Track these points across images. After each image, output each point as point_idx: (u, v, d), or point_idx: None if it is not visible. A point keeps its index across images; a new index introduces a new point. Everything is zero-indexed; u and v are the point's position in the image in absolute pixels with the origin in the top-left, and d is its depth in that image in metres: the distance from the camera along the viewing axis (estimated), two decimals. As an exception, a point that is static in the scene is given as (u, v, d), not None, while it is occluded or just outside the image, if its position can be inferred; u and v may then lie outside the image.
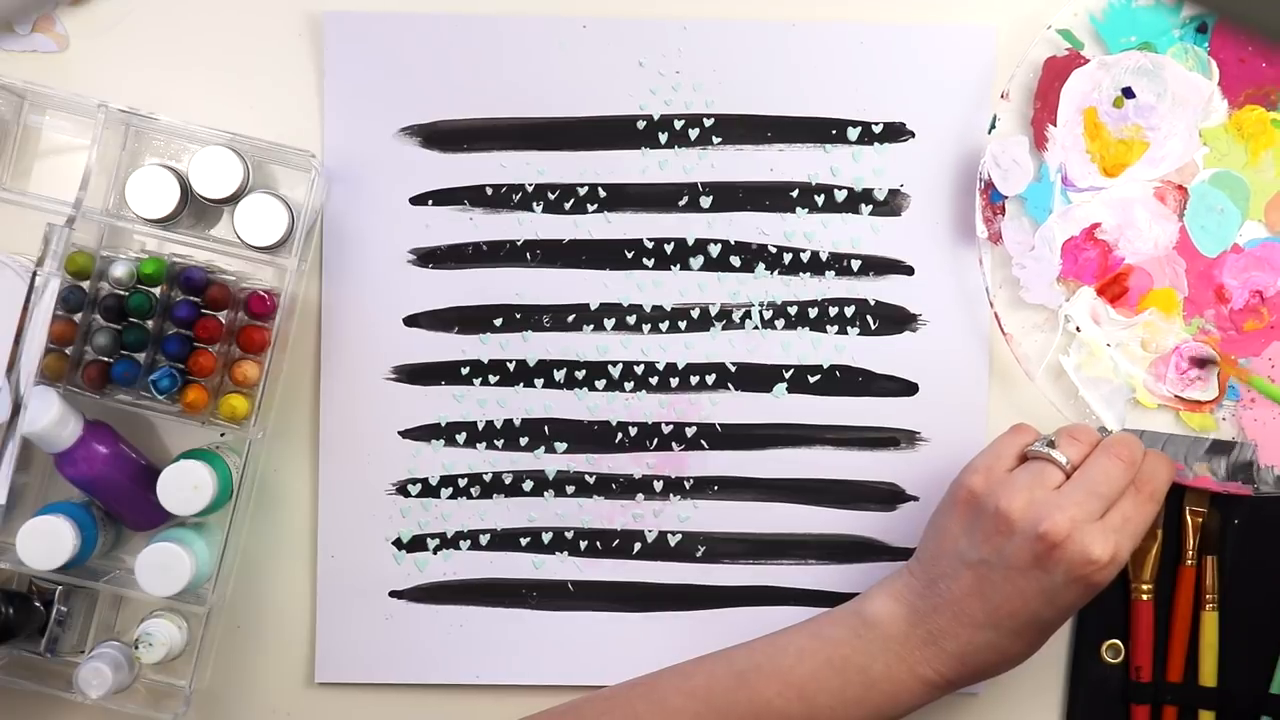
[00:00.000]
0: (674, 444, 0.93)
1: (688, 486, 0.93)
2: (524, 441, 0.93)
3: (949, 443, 0.92)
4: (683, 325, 0.93)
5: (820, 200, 0.92)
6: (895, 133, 0.92)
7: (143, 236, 0.90)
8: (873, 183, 0.92)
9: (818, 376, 0.93)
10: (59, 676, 0.88)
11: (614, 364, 0.93)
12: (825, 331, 0.93)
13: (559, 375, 0.93)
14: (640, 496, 0.93)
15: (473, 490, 0.93)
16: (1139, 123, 0.91)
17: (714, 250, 0.93)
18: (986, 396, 0.92)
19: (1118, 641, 0.92)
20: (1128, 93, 0.91)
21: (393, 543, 0.93)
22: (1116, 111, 0.91)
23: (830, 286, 0.92)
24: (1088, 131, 0.91)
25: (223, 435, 0.92)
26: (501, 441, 0.93)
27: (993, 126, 0.91)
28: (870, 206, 0.92)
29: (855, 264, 0.92)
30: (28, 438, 0.84)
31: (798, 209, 0.92)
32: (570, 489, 0.93)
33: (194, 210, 0.90)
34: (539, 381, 0.93)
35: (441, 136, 0.92)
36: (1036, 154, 0.91)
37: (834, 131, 0.92)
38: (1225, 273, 0.91)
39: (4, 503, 0.82)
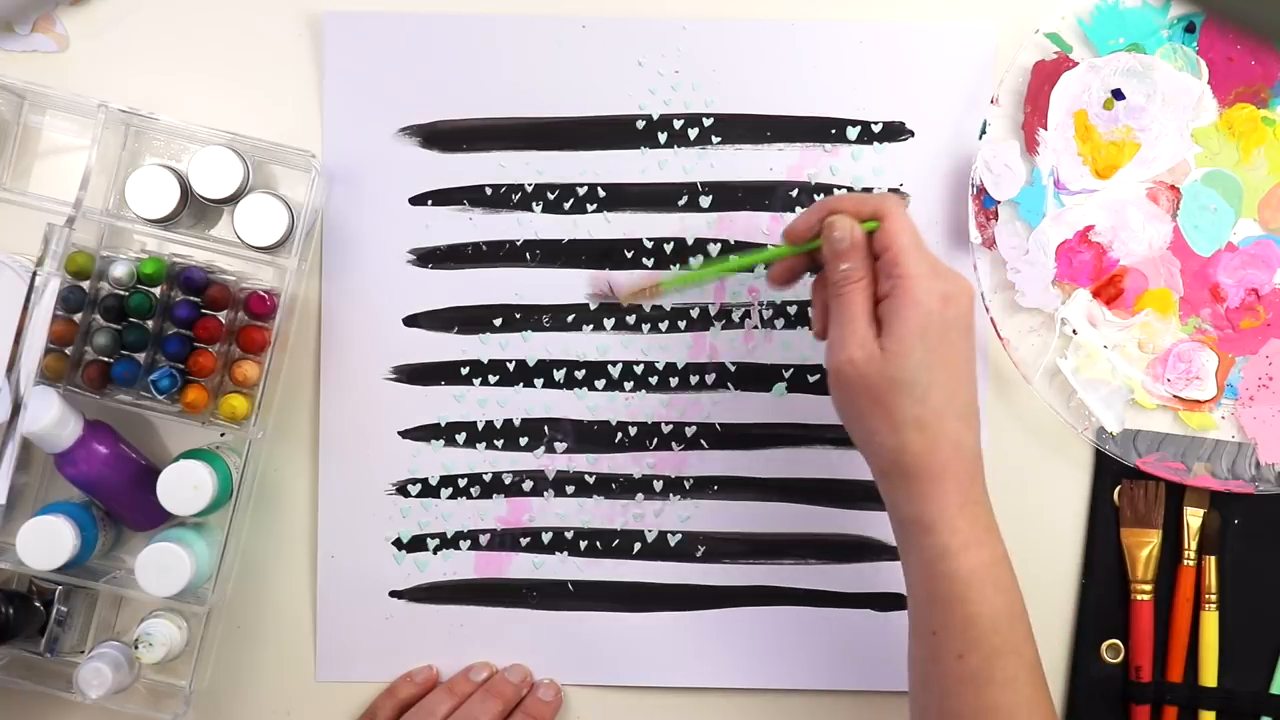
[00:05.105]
0: (674, 444, 0.93)
1: (688, 486, 0.93)
2: (524, 441, 0.93)
3: (948, 442, 0.92)
4: (682, 325, 0.93)
5: (820, 200, 0.92)
6: (894, 132, 0.92)
7: (143, 236, 0.90)
8: (872, 182, 0.92)
9: (818, 376, 0.93)
10: (59, 676, 0.87)
11: (614, 364, 0.93)
12: (825, 331, 0.93)
13: (559, 375, 0.93)
14: (640, 496, 0.93)
15: (473, 490, 0.93)
16: (1130, 124, 0.91)
17: (714, 250, 0.93)
18: (985, 397, 0.92)
19: (1118, 641, 0.92)
20: (1117, 94, 0.91)
21: (393, 543, 0.93)
22: (1107, 113, 0.91)
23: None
24: (1079, 134, 0.91)
25: (223, 435, 0.92)
26: (501, 441, 0.93)
27: (983, 132, 0.91)
28: (870, 206, 0.92)
29: (855, 263, 0.92)
30: (28, 438, 0.84)
31: (797, 208, 0.92)
32: (570, 489, 0.93)
33: (194, 210, 0.90)
34: (539, 381, 0.93)
35: (441, 136, 0.92)
36: (1028, 158, 0.92)
37: (833, 131, 0.92)
38: (1220, 271, 0.92)
39: (4, 503, 0.82)
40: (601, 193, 0.93)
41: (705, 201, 0.93)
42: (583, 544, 0.93)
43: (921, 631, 0.78)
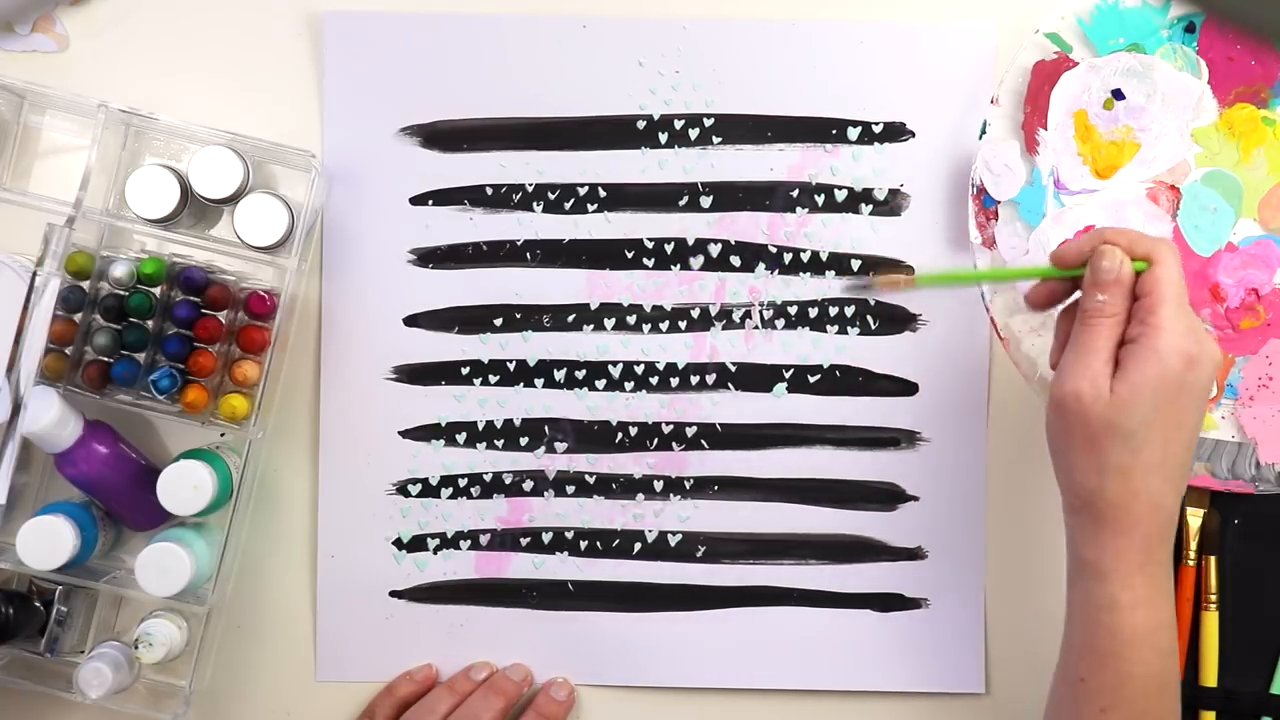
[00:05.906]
0: (674, 444, 0.93)
1: (688, 486, 0.93)
2: (524, 441, 0.93)
3: (949, 443, 0.93)
4: (683, 325, 0.93)
5: (820, 200, 0.92)
6: (895, 132, 0.92)
7: (143, 236, 0.90)
8: (873, 182, 0.92)
9: (818, 376, 0.93)
10: (59, 676, 0.87)
11: (614, 364, 0.93)
12: (825, 331, 0.93)
13: (559, 375, 0.93)
14: (640, 496, 0.93)
15: (473, 490, 0.93)
16: (1130, 124, 0.91)
17: (714, 250, 0.93)
18: (986, 396, 0.92)
19: (1117, 641, 0.92)
20: (1117, 94, 0.91)
21: (393, 543, 0.93)
22: (1107, 113, 0.91)
23: (830, 286, 0.93)
24: (1079, 134, 0.91)
25: (223, 435, 0.92)
26: (501, 441, 0.93)
27: (983, 132, 0.91)
28: (870, 206, 0.92)
29: (855, 264, 0.93)
30: (28, 438, 0.84)
31: (798, 209, 0.92)
32: (570, 489, 0.93)
33: (194, 210, 0.90)
34: (539, 381, 0.93)
35: (441, 136, 0.92)
36: (1028, 158, 0.91)
37: (834, 131, 0.92)
38: (1220, 271, 0.92)
39: (4, 503, 0.82)
40: (602, 193, 0.93)
41: (706, 202, 0.93)
42: (583, 544, 0.93)
43: (1069, 675, 0.78)
